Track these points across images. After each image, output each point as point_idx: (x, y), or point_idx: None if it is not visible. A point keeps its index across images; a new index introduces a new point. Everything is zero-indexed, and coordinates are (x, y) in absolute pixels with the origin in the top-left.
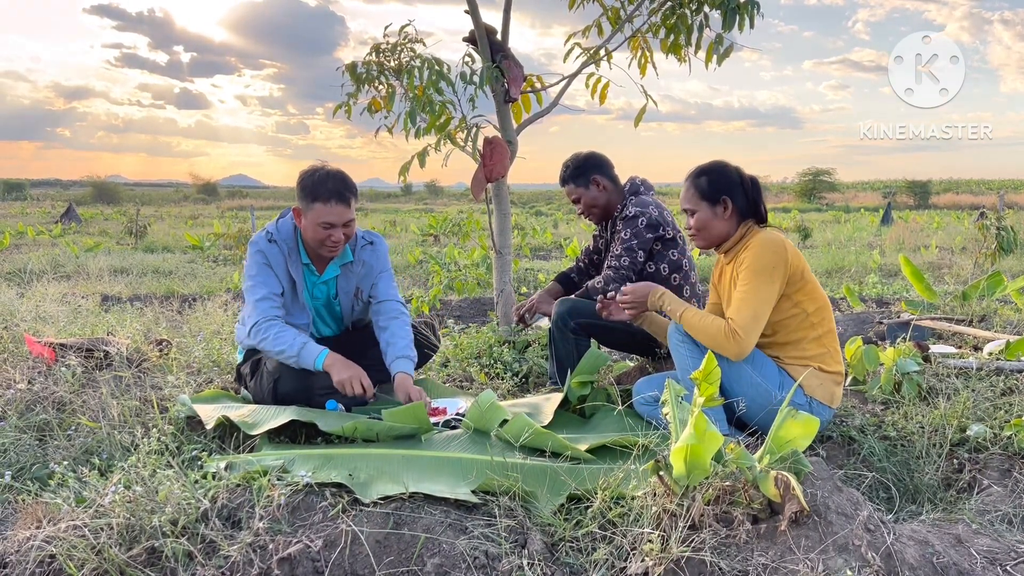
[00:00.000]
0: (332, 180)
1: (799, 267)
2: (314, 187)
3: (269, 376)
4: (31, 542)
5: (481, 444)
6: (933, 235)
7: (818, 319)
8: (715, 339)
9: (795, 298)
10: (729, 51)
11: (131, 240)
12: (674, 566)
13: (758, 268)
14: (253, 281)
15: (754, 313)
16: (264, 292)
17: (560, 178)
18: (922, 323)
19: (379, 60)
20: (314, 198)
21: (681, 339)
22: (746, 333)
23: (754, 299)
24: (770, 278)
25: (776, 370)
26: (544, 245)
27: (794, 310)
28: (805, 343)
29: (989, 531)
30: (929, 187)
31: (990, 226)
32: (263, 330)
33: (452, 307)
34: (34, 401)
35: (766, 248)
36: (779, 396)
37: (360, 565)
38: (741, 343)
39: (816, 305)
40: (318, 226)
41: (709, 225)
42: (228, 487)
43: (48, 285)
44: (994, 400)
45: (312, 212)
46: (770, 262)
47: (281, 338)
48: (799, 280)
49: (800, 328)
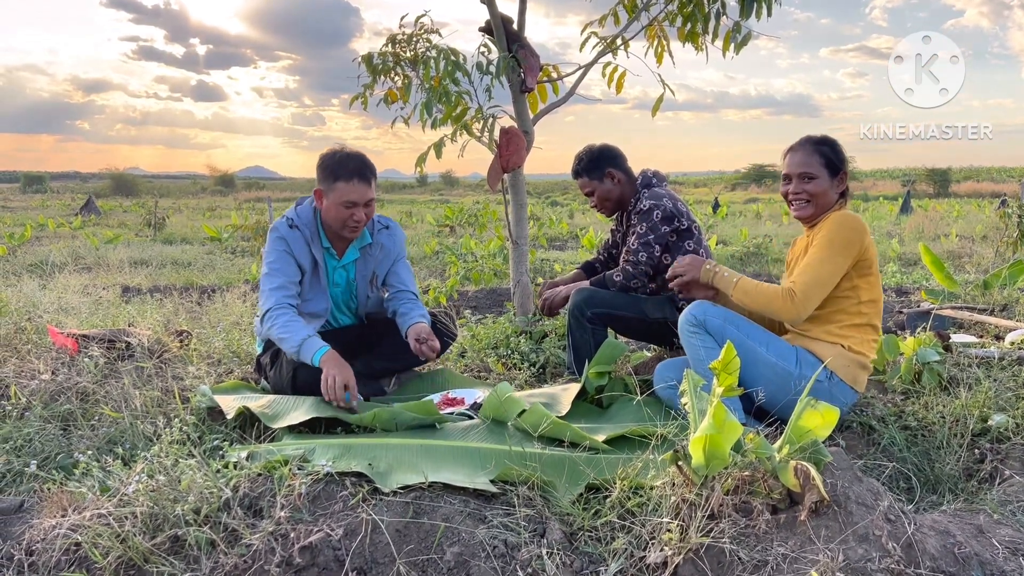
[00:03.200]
0: (353, 160)
1: (871, 255)
2: (336, 166)
3: (288, 365)
4: (57, 530)
5: (499, 434)
6: (953, 223)
7: (868, 310)
8: (772, 301)
9: (855, 281)
10: (747, 39)
11: (150, 232)
12: (693, 555)
13: (835, 240)
14: (270, 268)
15: (817, 279)
16: (280, 280)
17: (573, 171)
18: (943, 312)
19: (395, 51)
20: (336, 177)
21: (694, 330)
22: (804, 296)
23: (820, 267)
24: (843, 252)
25: (790, 348)
26: (560, 235)
27: (849, 292)
28: (842, 325)
29: (1011, 521)
30: (949, 175)
31: (1011, 214)
32: (274, 318)
33: (469, 297)
34: (58, 391)
35: (847, 223)
36: (796, 373)
37: (380, 554)
38: (798, 305)
39: (870, 296)
40: (340, 205)
41: (825, 194)
42: (249, 476)
43: (69, 277)
44: (1016, 390)
45: (335, 192)
46: (847, 237)
47: (288, 328)
48: (867, 268)
49: (846, 311)
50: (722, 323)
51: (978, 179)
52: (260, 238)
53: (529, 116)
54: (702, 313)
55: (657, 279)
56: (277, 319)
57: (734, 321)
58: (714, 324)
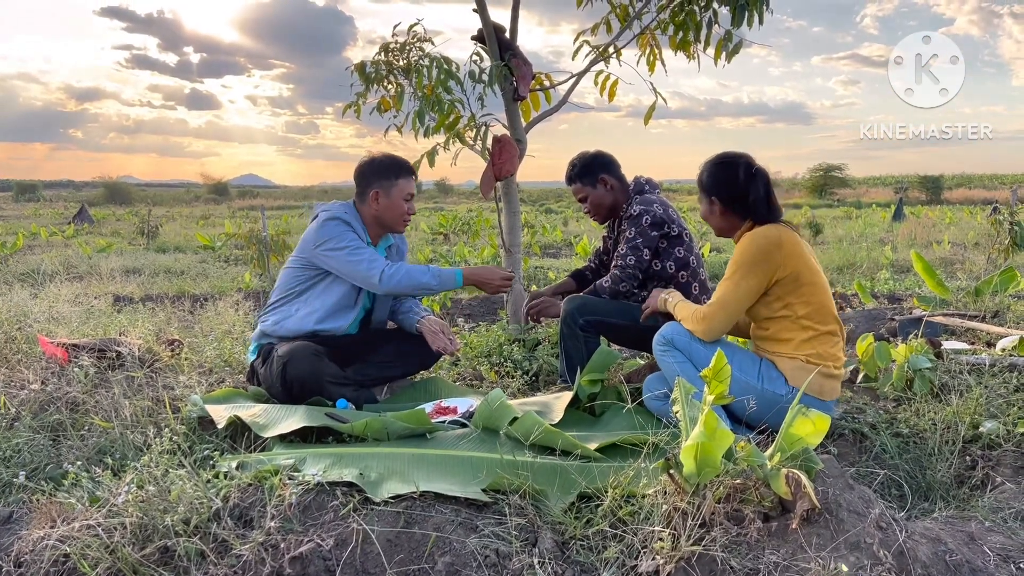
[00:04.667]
0: (401, 159)
1: (794, 269)
2: (392, 165)
3: (279, 360)
4: (45, 541)
5: (491, 443)
6: (945, 230)
7: (809, 323)
8: (688, 320)
9: (785, 299)
10: (738, 47)
11: (143, 240)
12: (685, 564)
13: (739, 261)
14: (354, 244)
15: (723, 302)
16: (370, 251)
17: (567, 177)
18: (934, 319)
19: (388, 59)
20: (396, 175)
21: (664, 348)
22: (709, 316)
23: (725, 288)
24: (750, 273)
25: (753, 360)
26: (554, 243)
27: (784, 311)
28: (795, 343)
29: (1002, 528)
30: (941, 182)
31: (1003, 221)
32: (396, 270)
33: (462, 305)
34: (48, 401)
35: (753, 244)
36: (758, 387)
37: (371, 564)
38: (703, 323)
39: (808, 309)
40: (402, 199)
41: (707, 218)
42: (240, 486)
43: (61, 286)
44: (1007, 396)
45: (396, 188)
46: (751, 258)
47: (414, 272)
48: (791, 283)
49: (789, 329)
50: (687, 339)
51: (970, 186)
52: (253, 246)
53: (522, 124)
54: (670, 333)
55: (648, 285)
56: (399, 270)
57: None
58: (681, 341)
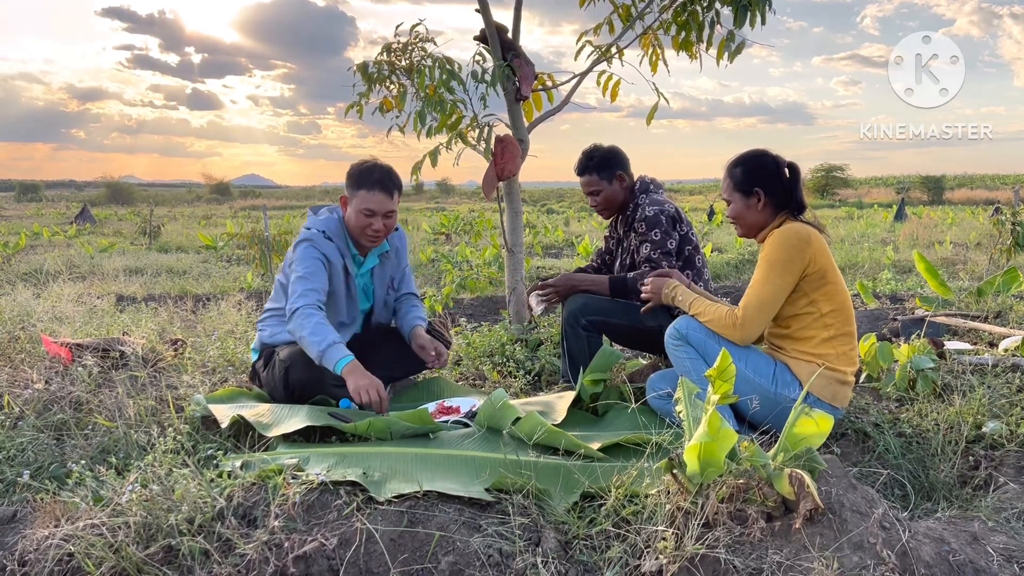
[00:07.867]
0: (378, 171)
1: (821, 265)
2: (360, 176)
3: (281, 364)
4: (49, 540)
5: (494, 442)
6: (947, 231)
7: (832, 320)
8: (720, 324)
9: (811, 296)
10: (741, 48)
11: (145, 240)
12: (688, 564)
13: (773, 259)
14: (305, 272)
15: (760, 302)
16: (316, 284)
17: (581, 167)
18: (937, 319)
19: (390, 60)
20: (359, 186)
21: (678, 343)
22: (747, 320)
23: (762, 289)
24: (783, 270)
25: (768, 363)
26: (556, 243)
27: (809, 308)
28: (816, 342)
29: (1005, 528)
30: (943, 182)
31: (1005, 221)
32: (305, 315)
33: (464, 305)
34: (51, 401)
35: (785, 240)
36: (772, 391)
37: (375, 563)
38: (742, 329)
39: (832, 307)
40: (360, 212)
41: (743, 215)
42: (243, 486)
43: (64, 286)
44: (1010, 397)
45: (356, 199)
46: (786, 255)
47: (318, 329)
48: (818, 279)
49: (812, 327)
50: (704, 336)
51: (972, 186)
52: (255, 247)
53: (524, 124)
54: (685, 327)
55: None
56: (309, 317)
57: (715, 335)
58: (696, 337)
